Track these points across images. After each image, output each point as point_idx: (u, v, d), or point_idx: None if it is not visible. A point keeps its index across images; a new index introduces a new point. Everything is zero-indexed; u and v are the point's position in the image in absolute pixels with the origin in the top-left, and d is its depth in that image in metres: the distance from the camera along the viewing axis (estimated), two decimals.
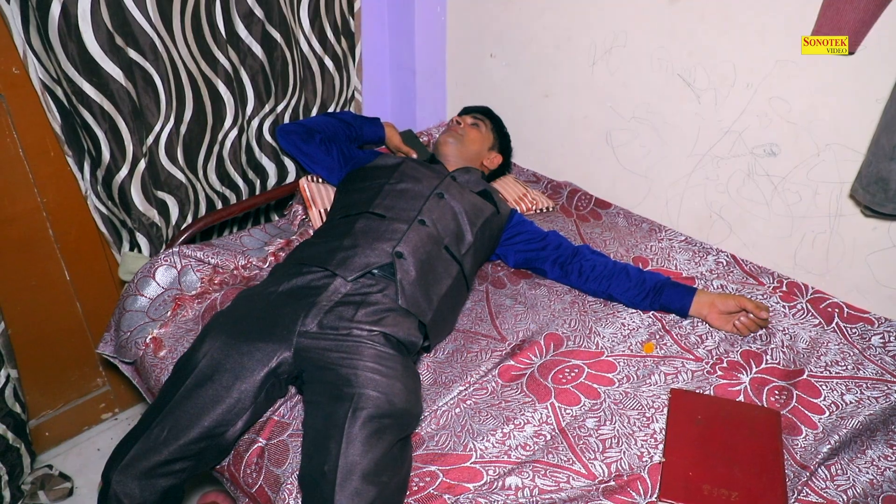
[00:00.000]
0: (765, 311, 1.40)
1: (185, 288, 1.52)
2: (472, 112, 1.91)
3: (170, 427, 1.14)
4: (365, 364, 1.17)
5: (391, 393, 1.14)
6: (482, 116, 1.88)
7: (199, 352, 1.23)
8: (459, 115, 1.90)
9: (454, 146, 1.77)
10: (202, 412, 1.16)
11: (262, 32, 1.68)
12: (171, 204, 1.67)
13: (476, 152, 1.81)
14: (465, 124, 1.83)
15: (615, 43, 1.71)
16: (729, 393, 1.31)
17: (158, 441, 1.13)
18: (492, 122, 1.89)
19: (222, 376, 1.18)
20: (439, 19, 2.06)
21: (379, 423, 1.09)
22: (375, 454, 1.06)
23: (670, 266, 1.64)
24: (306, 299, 1.27)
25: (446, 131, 1.82)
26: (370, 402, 1.11)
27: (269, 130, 1.84)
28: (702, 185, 1.68)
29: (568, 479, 1.13)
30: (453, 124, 1.84)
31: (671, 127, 1.69)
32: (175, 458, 1.13)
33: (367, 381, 1.14)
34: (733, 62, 1.51)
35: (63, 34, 1.32)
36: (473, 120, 1.85)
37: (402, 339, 1.25)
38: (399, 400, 1.14)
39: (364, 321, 1.23)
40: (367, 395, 1.12)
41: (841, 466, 1.16)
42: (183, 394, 1.17)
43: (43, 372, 1.80)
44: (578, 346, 1.40)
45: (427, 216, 1.45)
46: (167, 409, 1.16)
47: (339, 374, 1.16)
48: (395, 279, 1.31)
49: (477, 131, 1.83)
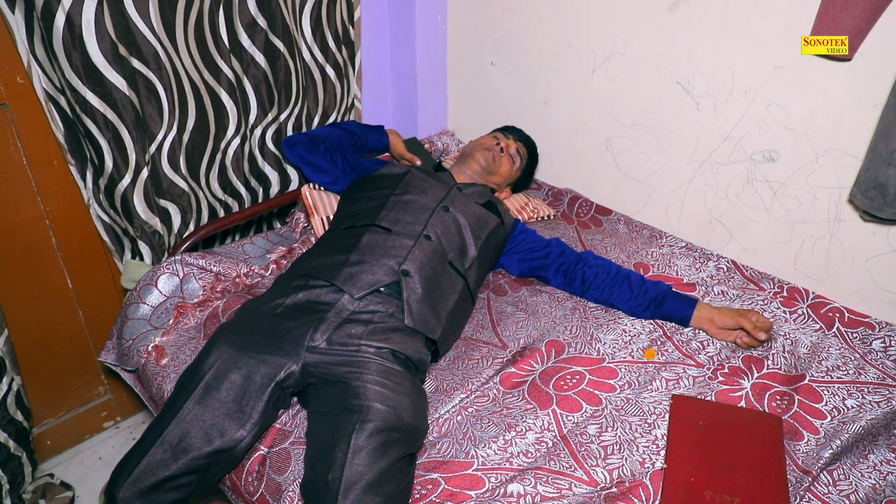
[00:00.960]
0: (763, 332, 1.38)
1: (188, 296, 1.52)
2: (521, 140, 1.85)
3: (177, 441, 1.12)
4: (374, 378, 1.17)
5: (399, 408, 1.14)
6: (524, 152, 1.84)
7: (204, 363, 1.21)
8: (506, 133, 1.84)
9: (482, 170, 1.73)
10: (212, 426, 1.14)
11: (265, 41, 1.69)
12: (174, 212, 1.68)
13: (497, 184, 1.79)
14: (507, 152, 1.78)
15: (614, 50, 1.72)
16: (730, 398, 1.31)
17: (166, 457, 1.11)
18: (526, 162, 1.85)
19: (231, 388, 1.17)
20: (440, 27, 2.08)
21: (387, 436, 1.09)
22: (381, 466, 1.05)
23: (671, 272, 1.64)
24: (314, 315, 1.26)
25: (484, 151, 1.74)
26: (379, 415, 1.11)
27: (271, 139, 1.85)
28: (702, 191, 1.69)
29: (570, 485, 1.12)
30: (494, 146, 1.77)
31: (671, 133, 1.69)
32: (183, 472, 1.12)
33: (376, 395, 1.14)
34: (731, 69, 1.52)
35: (67, 44, 1.33)
36: (516, 151, 1.80)
37: (410, 356, 1.26)
38: (407, 415, 1.14)
39: (373, 339, 1.23)
40: (375, 408, 1.11)
41: (843, 471, 1.16)
42: (190, 406, 1.15)
43: (45, 380, 1.80)
44: (580, 353, 1.40)
45: (432, 231, 1.44)
46: (174, 423, 1.14)
47: (349, 386, 1.16)
48: (402, 298, 1.31)
49: (511, 166, 1.79)
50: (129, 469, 1.11)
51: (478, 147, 1.78)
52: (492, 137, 1.83)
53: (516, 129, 1.91)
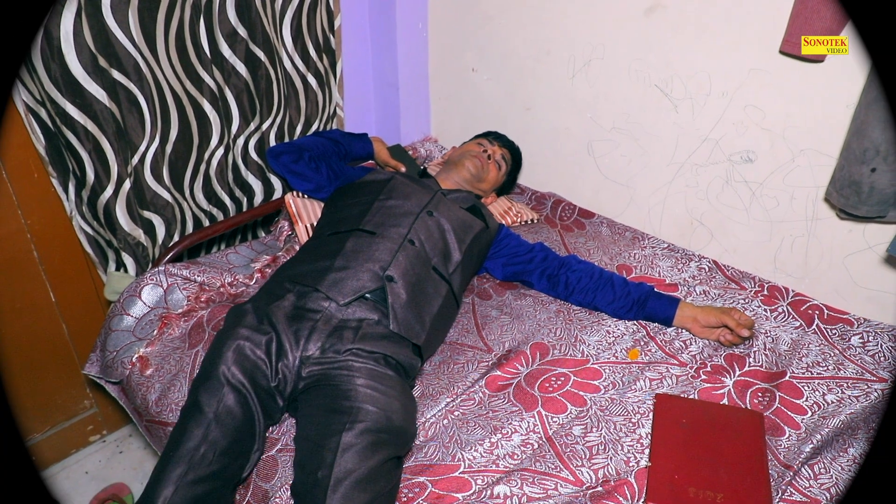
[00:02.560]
0: (746, 329, 1.39)
1: (172, 306, 1.52)
2: (504, 145, 1.87)
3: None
4: (365, 381, 1.18)
5: (390, 410, 1.15)
6: (509, 157, 1.86)
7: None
8: (490, 140, 1.86)
9: (471, 178, 1.74)
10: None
11: (246, 51, 1.70)
12: (158, 223, 1.67)
13: (483, 190, 1.81)
14: (493, 159, 1.80)
15: (594, 55, 1.74)
16: (713, 396, 1.32)
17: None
18: (510, 167, 1.87)
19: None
20: (421, 35, 2.09)
21: (377, 436, 1.10)
22: (370, 464, 1.06)
23: (654, 273, 1.66)
24: (303, 322, 1.27)
25: (472, 159, 1.75)
26: (369, 416, 1.12)
27: (254, 148, 1.85)
28: (682, 192, 1.71)
29: (556, 485, 1.13)
30: (482, 154, 1.78)
31: (651, 136, 1.71)
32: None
33: (367, 397, 1.15)
34: (708, 72, 1.54)
35: (46, 56, 1.33)
36: (501, 157, 1.82)
37: (402, 361, 1.27)
38: (397, 418, 1.15)
39: (364, 344, 1.24)
40: (366, 410, 1.13)
41: (824, 465, 1.18)
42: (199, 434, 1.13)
43: (29, 395, 1.79)
44: (564, 355, 1.41)
45: (415, 236, 1.45)
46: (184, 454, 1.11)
47: (339, 389, 1.17)
48: (387, 304, 1.32)
49: (497, 172, 1.81)
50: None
51: (465, 155, 1.79)
52: (476, 144, 1.84)
53: (499, 134, 1.93)
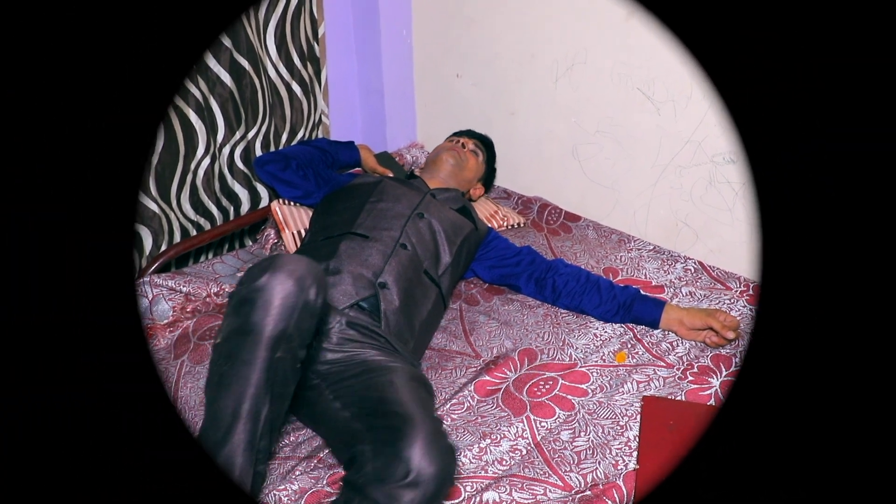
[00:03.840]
0: (731, 331, 1.40)
1: (157, 317, 1.51)
2: (474, 137, 1.90)
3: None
4: (376, 352, 1.26)
5: (411, 368, 1.26)
6: (482, 146, 1.89)
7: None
8: (461, 136, 1.90)
9: (454, 167, 1.77)
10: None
11: (230, 61, 1.70)
12: (145, 235, 1.67)
13: (468, 180, 1.83)
14: (468, 149, 1.83)
15: (576, 59, 1.76)
16: (700, 397, 1.33)
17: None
18: (487, 154, 1.90)
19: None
20: (405, 41, 2.10)
21: (419, 383, 1.20)
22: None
23: (640, 275, 1.67)
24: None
25: (449, 151, 1.80)
26: (406, 373, 1.20)
27: (240, 157, 1.85)
28: (667, 194, 1.72)
29: (545, 491, 1.14)
30: (456, 145, 1.83)
31: (634, 139, 1.73)
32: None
33: (397, 368, 1.21)
34: (688, 74, 1.56)
35: None
36: (475, 147, 1.86)
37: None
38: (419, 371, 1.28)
39: (367, 349, 1.27)
40: (401, 369, 1.20)
41: None
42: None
43: None
44: (552, 359, 1.42)
45: (407, 239, 1.45)
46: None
47: (368, 364, 1.21)
48: (380, 312, 1.33)
49: (476, 160, 1.84)
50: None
51: (440, 151, 1.83)
52: (448, 141, 1.89)
53: (468, 130, 1.97)
